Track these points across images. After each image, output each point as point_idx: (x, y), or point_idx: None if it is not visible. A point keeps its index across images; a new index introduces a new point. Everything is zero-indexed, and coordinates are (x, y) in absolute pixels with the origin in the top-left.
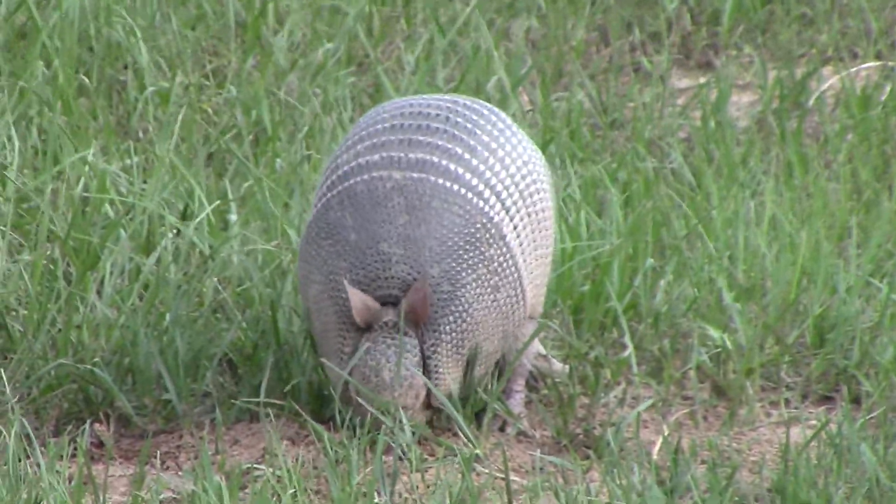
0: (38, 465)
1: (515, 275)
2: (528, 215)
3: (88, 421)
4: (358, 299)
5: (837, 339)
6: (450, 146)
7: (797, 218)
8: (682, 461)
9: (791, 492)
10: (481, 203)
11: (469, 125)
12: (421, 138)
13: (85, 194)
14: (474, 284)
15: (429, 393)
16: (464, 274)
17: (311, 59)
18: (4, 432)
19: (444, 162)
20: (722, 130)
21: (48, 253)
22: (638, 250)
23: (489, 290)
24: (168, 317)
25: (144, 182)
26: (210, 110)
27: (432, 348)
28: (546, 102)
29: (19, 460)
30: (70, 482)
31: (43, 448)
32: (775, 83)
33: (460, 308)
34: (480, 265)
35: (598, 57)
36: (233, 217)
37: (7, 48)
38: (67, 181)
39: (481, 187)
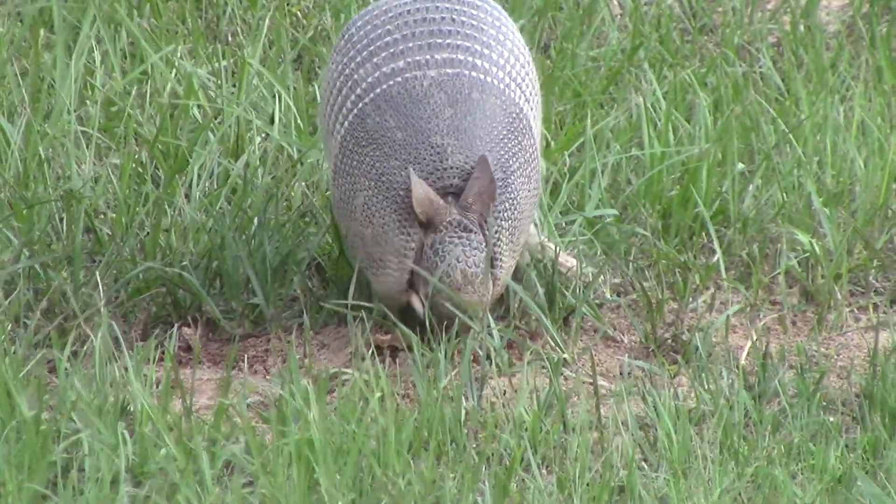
0: (126, 369)
1: (539, 165)
2: (537, 105)
3: (176, 325)
4: (423, 190)
5: None
6: (468, 44)
7: (886, 123)
8: (771, 366)
9: (879, 396)
10: (511, 93)
11: (474, 22)
12: (439, 41)
13: (174, 101)
14: (518, 172)
15: None
16: (511, 161)
17: None
18: (92, 335)
19: (469, 58)
20: (811, 35)
21: (136, 156)
22: (727, 155)
23: (526, 179)
24: (256, 221)
25: (234, 86)
26: (299, 13)
27: (497, 236)
28: (636, 7)
29: (107, 364)
30: (157, 386)
31: (130, 351)
32: None
33: (512, 196)
34: (520, 153)
35: None
36: None
37: None
38: (155, 84)
39: (507, 80)
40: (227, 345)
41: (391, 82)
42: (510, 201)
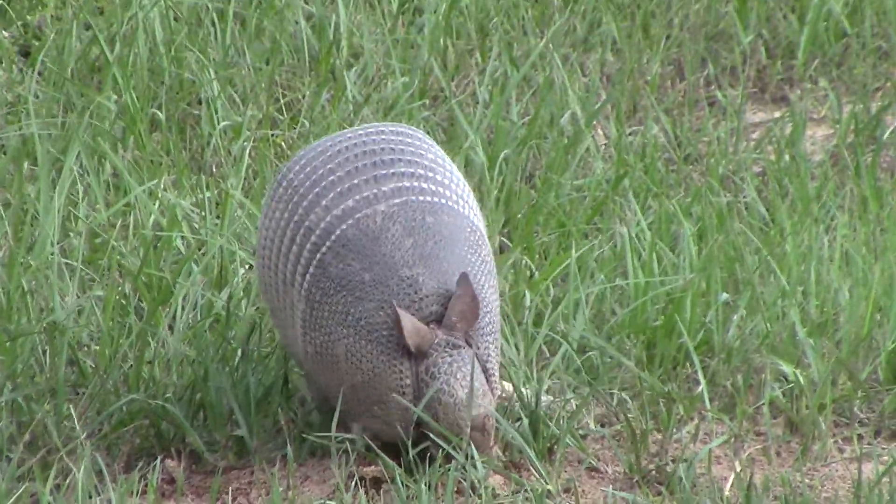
0: (109, 502)
1: (496, 276)
2: (482, 222)
3: (160, 457)
4: (411, 324)
5: None
6: (412, 170)
7: (871, 253)
8: (755, 497)
9: None
10: (461, 209)
11: (412, 149)
12: (384, 172)
13: (158, 233)
14: (487, 285)
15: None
16: (478, 276)
17: (384, 93)
18: (74, 469)
19: (415, 184)
20: (796, 165)
21: (120, 288)
22: (711, 285)
23: (493, 290)
24: (240, 352)
25: (217, 217)
26: (283, 144)
27: (486, 353)
28: (620, 136)
29: (90, 497)
30: None
31: (114, 484)
32: (850, 117)
33: (488, 309)
34: (483, 266)
35: (673, 91)
36: None
37: (81, 83)
38: (138, 216)
39: (455, 197)
40: (211, 477)
41: (344, 226)
42: (488, 315)
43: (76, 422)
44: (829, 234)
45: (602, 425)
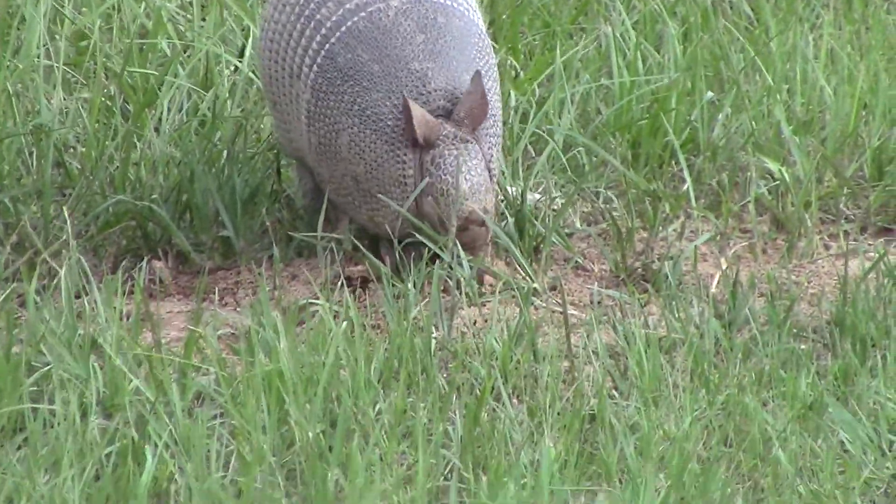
0: (96, 302)
1: (499, 84)
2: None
3: (146, 257)
4: (420, 114)
5: None
6: None
7: (856, 51)
8: (741, 294)
9: (850, 324)
10: (471, 16)
11: None
12: None
13: (143, 36)
14: (493, 90)
15: None
16: (486, 80)
17: None
18: (60, 269)
19: None
20: None
21: (105, 90)
22: (696, 84)
23: (497, 97)
24: (225, 154)
25: (203, 19)
26: None
27: (489, 154)
28: None
29: (76, 297)
30: (127, 318)
31: (100, 284)
32: None
33: (494, 112)
34: (490, 73)
35: None
36: None
37: None
38: (124, 18)
39: (465, 4)
40: (198, 277)
41: (356, 18)
42: (492, 118)
43: (66, 223)
44: (814, 33)
45: (588, 224)
